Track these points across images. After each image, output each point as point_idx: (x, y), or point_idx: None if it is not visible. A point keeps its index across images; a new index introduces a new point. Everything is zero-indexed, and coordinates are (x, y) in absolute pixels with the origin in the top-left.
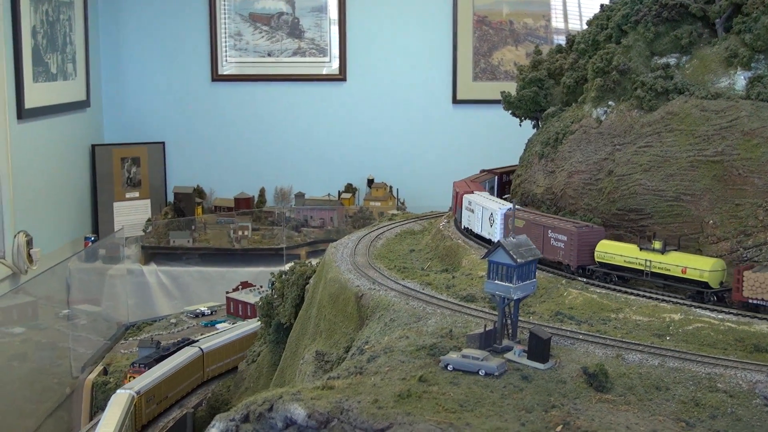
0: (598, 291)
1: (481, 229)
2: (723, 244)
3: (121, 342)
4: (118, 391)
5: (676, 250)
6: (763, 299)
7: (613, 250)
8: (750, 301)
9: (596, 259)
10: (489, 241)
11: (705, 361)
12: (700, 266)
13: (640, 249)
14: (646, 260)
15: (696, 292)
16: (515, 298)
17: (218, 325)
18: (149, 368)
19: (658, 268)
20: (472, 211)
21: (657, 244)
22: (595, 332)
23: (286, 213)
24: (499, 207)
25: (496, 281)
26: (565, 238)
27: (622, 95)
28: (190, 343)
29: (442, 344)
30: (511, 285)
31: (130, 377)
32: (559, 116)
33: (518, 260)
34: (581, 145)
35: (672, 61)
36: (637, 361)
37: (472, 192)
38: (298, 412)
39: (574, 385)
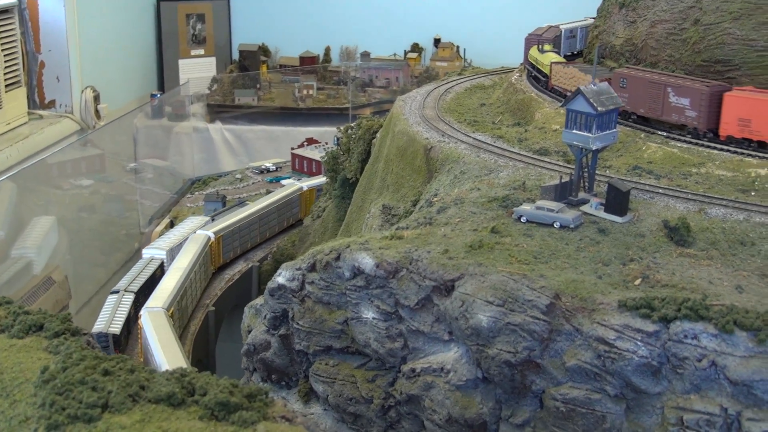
0: (679, 145)
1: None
2: None
3: (187, 196)
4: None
5: (554, 52)
6: (563, 87)
7: (532, 53)
8: (555, 87)
9: (529, 60)
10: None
11: None
12: (545, 61)
13: (538, 51)
14: (536, 59)
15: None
16: (594, 148)
17: (283, 181)
18: None
19: (537, 63)
20: None
21: (547, 47)
22: (675, 186)
23: (352, 72)
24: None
25: (575, 131)
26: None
27: None
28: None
29: (515, 196)
30: (590, 135)
31: None
32: None
33: (599, 108)
34: None
35: None
36: (720, 216)
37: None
38: (366, 261)
39: (654, 239)
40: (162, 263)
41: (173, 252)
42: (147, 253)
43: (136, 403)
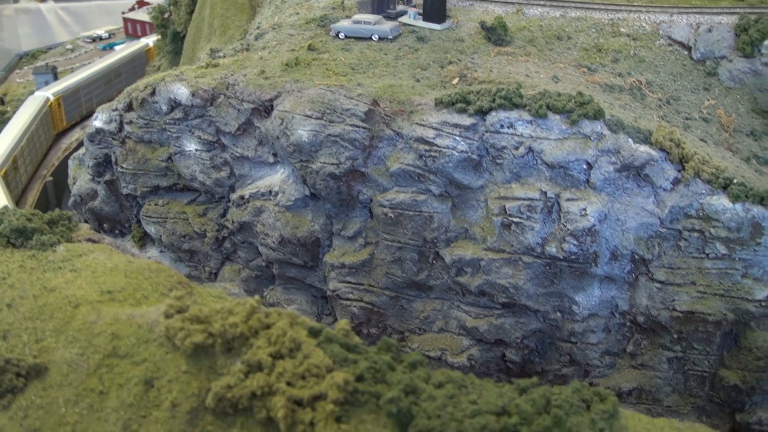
0: None
1: None
2: None
3: (16, 71)
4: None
5: None
6: None
7: None
8: None
9: None
10: None
11: (608, 8)
12: None
13: None
14: None
15: None
16: None
17: (116, 47)
18: None
19: None
20: None
21: None
22: None
23: None
24: None
25: None
26: None
27: None
28: None
29: (334, 15)
30: None
31: None
32: None
33: None
34: None
35: None
36: (537, 15)
37: None
38: (182, 91)
39: (472, 42)
40: None
41: None
42: None
43: None
